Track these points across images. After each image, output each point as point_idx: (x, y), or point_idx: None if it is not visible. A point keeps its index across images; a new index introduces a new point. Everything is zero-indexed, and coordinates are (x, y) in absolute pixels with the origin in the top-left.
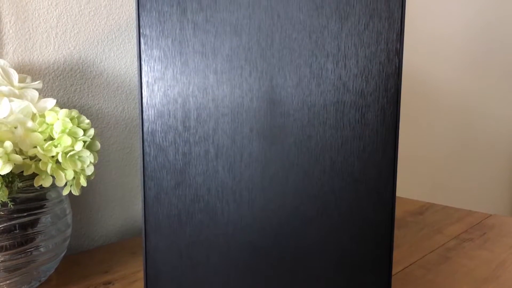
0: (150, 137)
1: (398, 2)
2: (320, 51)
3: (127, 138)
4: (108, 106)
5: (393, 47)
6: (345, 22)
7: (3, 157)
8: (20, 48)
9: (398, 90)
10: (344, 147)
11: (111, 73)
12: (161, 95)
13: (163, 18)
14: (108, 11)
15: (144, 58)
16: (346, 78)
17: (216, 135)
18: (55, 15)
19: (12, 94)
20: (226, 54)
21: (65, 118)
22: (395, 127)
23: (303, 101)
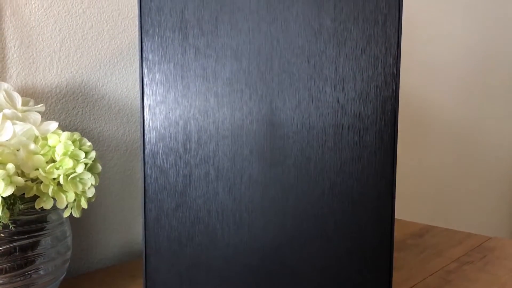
0: (151, 159)
1: (394, 28)
2: (318, 75)
3: (127, 161)
4: (109, 128)
5: (390, 71)
6: (342, 47)
7: (5, 179)
8: (24, 72)
9: (395, 113)
10: (343, 168)
11: (113, 96)
12: (162, 118)
13: (165, 43)
14: (111, 36)
15: (146, 82)
16: (344, 101)
17: (217, 157)
18: (58, 40)
19: (15, 117)
20: (227, 78)
21: (67, 140)
22: (393, 149)
23: (302, 123)
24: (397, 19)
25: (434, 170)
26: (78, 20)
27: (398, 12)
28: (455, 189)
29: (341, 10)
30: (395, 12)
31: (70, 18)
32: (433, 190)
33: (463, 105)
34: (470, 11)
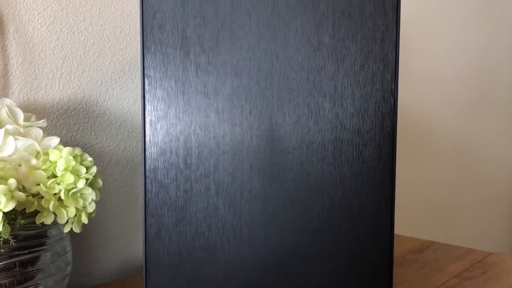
0: (152, 174)
1: (392, 45)
2: (317, 91)
3: (128, 176)
4: (110, 144)
5: (388, 87)
6: (341, 63)
7: (6, 194)
8: (26, 88)
9: (394, 128)
10: (343, 183)
11: (114, 112)
12: (163, 133)
13: (167, 60)
14: (112, 53)
15: (148, 98)
16: (343, 117)
17: (217, 172)
18: (60, 56)
19: (17, 133)
20: (227, 94)
21: (69, 156)
22: (392, 165)
23: (302, 138)
24: (395, 37)
25: (434, 185)
26: (80, 37)
27: (395, 30)
28: (455, 204)
29: (340, 28)
30: (392, 29)
31: (73, 35)
32: (433, 205)
33: (463, 120)
34: (466, 26)
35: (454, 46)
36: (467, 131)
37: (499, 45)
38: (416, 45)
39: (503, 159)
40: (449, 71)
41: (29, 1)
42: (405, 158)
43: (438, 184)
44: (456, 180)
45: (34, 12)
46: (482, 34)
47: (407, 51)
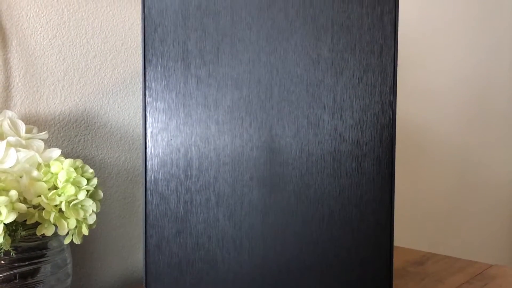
0: (153, 185)
1: (390, 58)
2: (316, 103)
3: (128, 188)
4: (111, 156)
5: (387, 100)
6: (340, 76)
7: (8, 206)
8: (28, 100)
9: (392, 140)
10: (342, 195)
11: (115, 124)
12: (164, 145)
13: (168, 73)
14: (114, 65)
15: (149, 110)
16: (342, 129)
17: (217, 184)
18: (62, 69)
19: (19, 145)
20: (228, 106)
21: (70, 167)
22: (391, 176)
23: (301, 150)
24: (393, 50)
25: (434, 196)
26: (82, 49)
27: (393, 43)
28: (456, 216)
29: (339, 41)
30: (390, 42)
31: (74, 47)
32: (433, 217)
33: (462, 131)
34: (465, 38)
35: (453, 57)
36: (467, 142)
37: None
38: (415, 57)
39: (503, 170)
40: (448, 82)
41: (32, 14)
42: (404, 170)
43: (438, 196)
44: (456, 192)
45: (36, 25)
46: (481, 45)
47: (406, 63)
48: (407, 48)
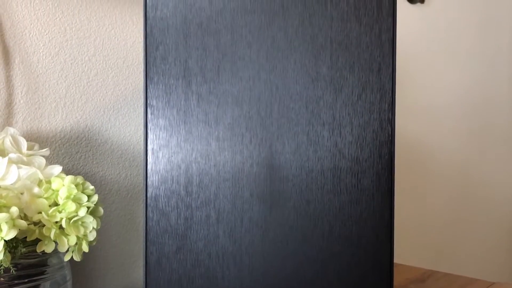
0: (154, 202)
1: (388, 75)
2: (316, 120)
3: (128, 205)
4: (112, 172)
5: (386, 117)
6: (339, 93)
7: (8, 222)
8: (30, 117)
9: (391, 157)
10: (342, 211)
11: (116, 141)
12: (165, 161)
13: (169, 90)
14: (115, 82)
15: (150, 127)
16: (341, 145)
17: (217, 200)
18: (64, 86)
19: (20, 161)
20: (228, 123)
21: (71, 184)
22: (391, 192)
23: (301, 166)
24: (391, 67)
25: (435, 214)
26: (83, 67)
27: (391, 61)
28: (457, 232)
29: (337, 59)
30: (389, 60)
31: (76, 65)
32: (434, 234)
33: (462, 148)
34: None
35: (452, 74)
36: (467, 158)
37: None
38: (414, 74)
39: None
40: (447, 98)
41: (35, 32)
42: (404, 187)
43: (438, 213)
44: (457, 208)
45: (39, 43)
46: (479, 61)
47: (405, 79)
48: (406, 64)
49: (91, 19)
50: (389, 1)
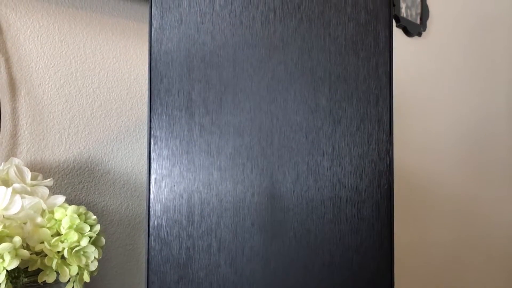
0: (156, 231)
1: (386, 107)
2: (316, 150)
3: (130, 235)
4: (114, 203)
5: (384, 147)
6: (338, 124)
7: (11, 252)
8: (34, 148)
9: (390, 186)
10: (342, 241)
11: (118, 171)
12: (167, 191)
13: (172, 121)
14: (119, 114)
15: (154, 157)
16: (341, 175)
17: (219, 229)
18: (68, 118)
19: (24, 191)
20: (230, 153)
21: (73, 214)
22: (390, 222)
23: (302, 196)
24: (388, 99)
25: (436, 246)
26: (88, 99)
27: (389, 92)
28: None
29: (336, 91)
30: (386, 92)
31: (81, 97)
32: (435, 267)
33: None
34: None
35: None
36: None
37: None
38: (414, 105)
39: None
40: (447, 131)
41: (41, 65)
42: (404, 219)
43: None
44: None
45: (45, 75)
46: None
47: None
48: (404, 96)
49: (96, 52)
50: (386, 36)
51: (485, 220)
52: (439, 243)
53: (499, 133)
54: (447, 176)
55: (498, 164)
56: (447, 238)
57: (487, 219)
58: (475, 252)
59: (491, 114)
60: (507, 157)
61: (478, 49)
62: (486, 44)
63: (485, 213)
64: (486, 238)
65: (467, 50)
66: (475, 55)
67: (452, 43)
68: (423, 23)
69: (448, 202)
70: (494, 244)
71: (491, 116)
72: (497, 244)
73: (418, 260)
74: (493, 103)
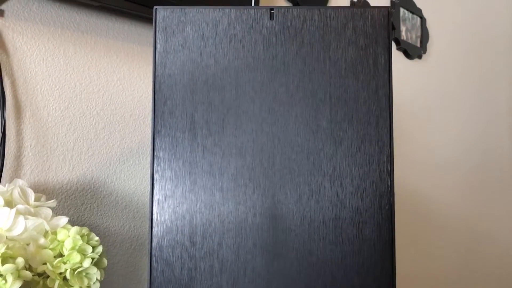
0: (158, 252)
1: (386, 128)
2: (317, 171)
3: (131, 257)
4: (116, 224)
5: (384, 168)
6: (339, 145)
7: (14, 273)
8: (37, 169)
9: (392, 207)
10: (344, 262)
11: (120, 192)
12: (170, 212)
13: (175, 142)
14: (122, 135)
15: (157, 178)
16: (342, 196)
17: (221, 250)
18: (72, 139)
19: (27, 212)
20: (232, 174)
21: (76, 235)
22: (392, 243)
23: (303, 216)
24: (388, 121)
25: (438, 266)
26: (91, 121)
27: (388, 114)
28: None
29: (336, 113)
30: (386, 114)
31: (84, 119)
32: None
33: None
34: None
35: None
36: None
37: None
38: (415, 127)
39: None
40: (448, 152)
41: (46, 88)
42: (406, 240)
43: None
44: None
45: (50, 98)
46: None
47: (405, 133)
48: (406, 117)
49: (100, 75)
50: (385, 59)
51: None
52: (441, 262)
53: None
54: (449, 195)
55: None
56: (449, 257)
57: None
58: (479, 271)
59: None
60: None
61: (478, 69)
62: (485, 63)
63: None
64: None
65: (467, 70)
66: (475, 74)
67: (452, 64)
68: (423, 45)
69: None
70: (498, 263)
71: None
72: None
73: (420, 280)
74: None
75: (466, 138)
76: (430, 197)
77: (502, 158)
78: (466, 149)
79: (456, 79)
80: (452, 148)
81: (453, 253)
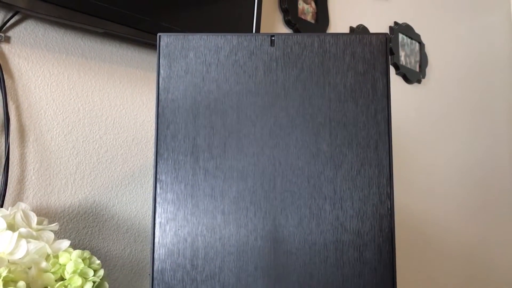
0: (160, 275)
1: (385, 151)
2: (318, 194)
3: (132, 281)
4: (117, 248)
5: (384, 191)
6: (339, 168)
7: None
8: (40, 193)
9: (392, 229)
10: (345, 285)
11: (122, 216)
12: (172, 234)
13: (177, 166)
14: (124, 159)
15: (159, 201)
16: (343, 219)
17: (222, 274)
18: (75, 163)
19: (30, 236)
20: (233, 197)
21: (78, 258)
22: (392, 265)
23: (305, 240)
24: (388, 144)
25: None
26: (94, 145)
27: (388, 138)
28: None
29: (336, 137)
30: (385, 138)
31: (87, 143)
32: None
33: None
34: (461, 133)
35: (452, 152)
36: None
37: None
38: (415, 151)
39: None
40: (449, 176)
41: (50, 112)
42: (409, 264)
43: None
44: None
45: (53, 122)
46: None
47: (406, 156)
48: (405, 141)
49: (104, 99)
50: (383, 84)
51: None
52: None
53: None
54: (450, 218)
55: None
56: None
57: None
58: None
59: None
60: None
61: (476, 93)
62: (484, 87)
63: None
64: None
65: (466, 94)
66: (474, 98)
67: (451, 88)
68: (422, 70)
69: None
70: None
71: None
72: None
73: None
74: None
75: (465, 162)
76: (430, 220)
77: (502, 181)
78: (466, 172)
79: (455, 103)
80: (453, 169)
81: (455, 277)
